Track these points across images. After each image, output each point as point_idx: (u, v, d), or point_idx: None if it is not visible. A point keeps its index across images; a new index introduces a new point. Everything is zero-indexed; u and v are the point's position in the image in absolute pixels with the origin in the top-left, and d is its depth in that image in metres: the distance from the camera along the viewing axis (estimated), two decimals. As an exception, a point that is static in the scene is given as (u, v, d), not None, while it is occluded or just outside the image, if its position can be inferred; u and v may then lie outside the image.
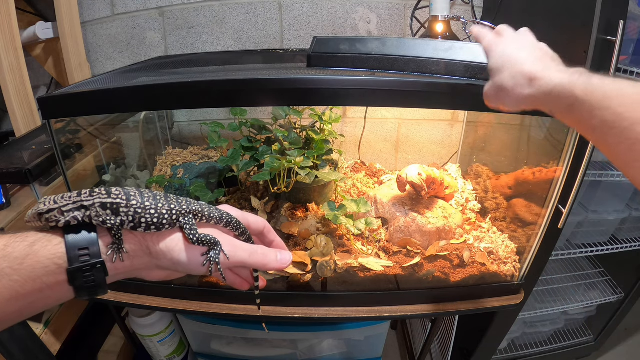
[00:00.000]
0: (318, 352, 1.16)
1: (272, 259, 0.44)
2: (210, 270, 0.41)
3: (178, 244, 0.40)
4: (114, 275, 0.37)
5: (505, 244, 0.90)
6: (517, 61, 0.48)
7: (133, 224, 0.37)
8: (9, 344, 0.79)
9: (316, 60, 0.74)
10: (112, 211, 0.37)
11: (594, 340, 1.46)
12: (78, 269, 0.34)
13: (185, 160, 1.13)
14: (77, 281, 0.34)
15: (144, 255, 0.39)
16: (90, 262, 0.35)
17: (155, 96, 0.66)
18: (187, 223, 0.40)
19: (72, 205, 0.36)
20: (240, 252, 0.42)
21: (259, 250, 0.44)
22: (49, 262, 0.33)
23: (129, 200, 0.38)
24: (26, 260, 0.33)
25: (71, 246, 0.35)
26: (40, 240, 0.34)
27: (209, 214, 0.43)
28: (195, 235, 0.40)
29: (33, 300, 0.34)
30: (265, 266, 0.44)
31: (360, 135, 1.25)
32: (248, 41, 1.19)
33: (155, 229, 0.39)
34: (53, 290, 0.34)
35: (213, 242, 0.41)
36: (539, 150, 0.90)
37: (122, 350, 1.27)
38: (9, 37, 0.92)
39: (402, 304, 0.85)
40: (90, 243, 0.35)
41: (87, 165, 0.98)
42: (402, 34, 1.17)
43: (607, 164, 1.11)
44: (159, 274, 0.41)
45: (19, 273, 0.32)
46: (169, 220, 0.39)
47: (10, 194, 0.97)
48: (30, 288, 0.33)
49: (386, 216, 0.92)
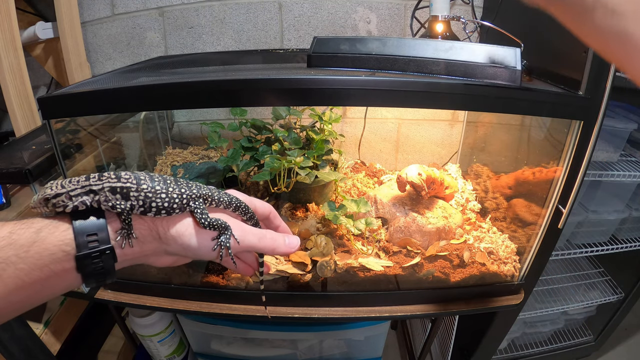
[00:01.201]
0: (318, 352, 1.16)
1: (281, 243, 0.44)
2: (220, 255, 0.40)
3: (188, 229, 0.39)
4: (122, 261, 0.36)
5: (505, 244, 0.90)
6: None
7: (143, 209, 0.37)
8: (9, 344, 0.79)
9: (316, 60, 0.74)
10: (122, 195, 0.36)
11: (594, 340, 1.46)
12: (86, 255, 0.33)
13: (185, 160, 1.13)
14: (86, 268, 0.34)
15: (153, 240, 0.38)
16: (100, 248, 0.34)
17: (155, 96, 0.66)
18: (197, 207, 0.40)
19: (81, 190, 0.35)
20: (250, 237, 0.42)
21: (267, 234, 0.44)
22: (56, 249, 0.33)
23: (140, 185, 0.37)
24: (32, 247, 0.32)
25: (79, 232, 0.34)
26: (47, 226, 0.34)
27: (218, 199, 0.43)
28: (207, 219, 0.39)
29: (39, 289, 0.33)
30: (274, 250, 0.44)
31: (360, 135, 1.25)
32: (248, 41, 1.19)
33: (165, 213, 0.38)
34: (60, 277, 0.33)
35: (224, 227, 0.40)
36: (539, 150, 0.90)
37: (122, 350, 1.27)
38: (9, 37, 0.92)
39: (402, 304, 0.85)
40: (99, 229, 0.35)
41: (87, 165, 0.98)
42: (402, 34, 1.17)
43: (607, 164, 1.11)
44: (167, 259, 0.41)
45: (25, 261, 0.32)
46: (179, 205, 0.39)
47: (10, 194, 0.97)
48: (37, 276, 0.32)
49: (386, 216, 0.92)
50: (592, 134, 0.70)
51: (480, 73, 0.66)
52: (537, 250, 0.83)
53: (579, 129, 0.70)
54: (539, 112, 0.70)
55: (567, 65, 0.73)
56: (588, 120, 0.69)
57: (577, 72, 0.69)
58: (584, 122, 0.69)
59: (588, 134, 0.70)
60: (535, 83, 0.77)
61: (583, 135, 0.70)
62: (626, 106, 1.21)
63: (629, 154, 1.16)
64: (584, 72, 0.68)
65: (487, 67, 0.65)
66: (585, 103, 0.68)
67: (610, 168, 1.08)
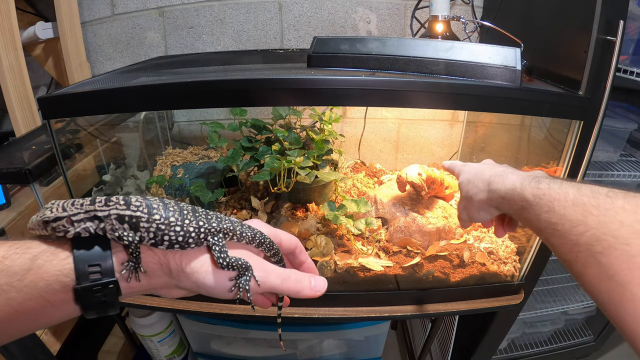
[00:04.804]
0: (318, 352, 1.16)
1: (306, 285, 0.39)
2: (238, 297, 0.37)
3: (204, 266, 0.36)
4: (127, 294, 0.33)
5: (505, 244, 0.90)
6: (481, 172, 0.55)
7: (154, 241, 0.33)
8: (9, 344, 0.79)
9: (316, 60, 0.74)
10: (130, 225, 0.32)
11: (594, 340, 1.45)
12: (87, 288, 0.30)
13: (185, 160, 1.13)
14: (86, 301, 0.31)
15: (163, 274, 0.35)
16: (102, 282, 0.31)
17: (155, 96, 0.66)
18: (216, 244, 0.36)
19: (84, 215, 0.32)
20: (273, 278, 0.38)
21: (292, 275, 0.39)
22: (52, 280, 0.30)
23: (151, 214, 0.33)
24: (27, 276, 0.29)
25: (80, 262, 0.31)
26: (44, 253, 0.31)
27: (240, 233, 0.38)
28: (225, 259, 0.35)
29: (33, 318, 0.31)
30: (298, 293, 0.39)
31: (360, 135, 1.25)
32: (248, 41, 1.19)
33: (179, 247, 0.34)
34: (57, 308, 0.31)
35: (244, 267, 0.36)
36: (539, 150, 0.90)
37: (122, 350, 1.27)
38: (9, 37, 0.92)
39: (402, 304, 0.85)
40: (102, 259, 0.31)
41: (87, 165, 0.98)
42: (402, 34, 1.17)
43: (607, 164, 1.11)
44: (178, 292, 0.38)
45: (19, 290, 0.29)
46: (195, 239, 0.35)
47: (10, 194, 0.97)
48: (31, 306, 0.30)
49: (386, 216, 0.92)
50: (592, 134, 0.70)
51: (480, 73, 0.66)
52: (537, 250, 0.83)
53: (579, 129, 0.70)
54: (539, 112, 0.70)
55: (567, 65, 0.73)
56: (588, 120, 0.69)
57: (577, 72, 0.69)
58: (584, 122, 0.69)
59: (588, 134, 0.70)
60: (535, 83, 0.77)
61: (583, 136, 0.70)
62: (626, 106, 1.21)
63: (629, 154, 1.16)
64: (584, 72, 0.68)
65: (487, 67, 0.65)
66: (585, 103, 0.68)
67: (610, 168, 1.08)
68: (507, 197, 0.47)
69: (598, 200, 0.34)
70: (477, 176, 0.55)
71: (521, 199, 0.44)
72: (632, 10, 0.92)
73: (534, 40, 0.82)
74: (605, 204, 0.33)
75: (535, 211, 0.41)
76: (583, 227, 0.34)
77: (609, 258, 0.30)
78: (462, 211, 0.60)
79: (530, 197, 0.42)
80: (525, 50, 0.72)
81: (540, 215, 0.40)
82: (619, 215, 0.32)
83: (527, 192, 0.43)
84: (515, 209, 0.46)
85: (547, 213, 0.39)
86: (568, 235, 0.35)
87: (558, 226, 0.37)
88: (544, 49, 0.82)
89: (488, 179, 0.52)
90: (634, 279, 0.28)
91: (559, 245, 0.37)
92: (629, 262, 0.29)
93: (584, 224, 0.34)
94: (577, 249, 0.34)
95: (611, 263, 0.30)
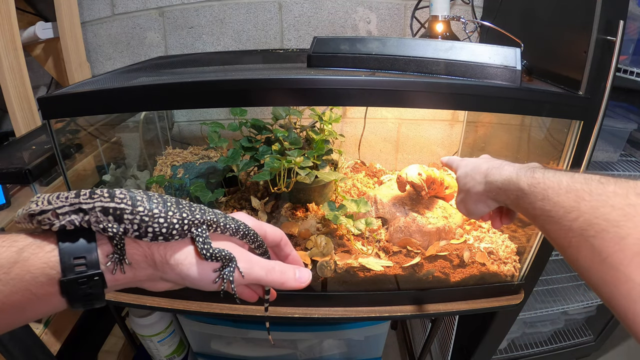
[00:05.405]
0: (318, 352, 1.16)
1: (290, 277, 0.40)
2: (222, 288, 0.37)
3: (188, 257, 0.36)
4: (112, 286, 0.34)
5: (505, 244, 0.90)
6: (478, 165, 0.56)
7: (138, 233, 0.34)
8: (9, 344, 0.79)
9: (316, 60, 0.74)
10: (114, 217, 0.32)
11: (594, 340, 1.45)
12: (73, 280, 0.31)
13: (185, 160, 1.13)
14: (72, 293, 0.31)
15: (148, 266, 0.35)
16: (87, 274, 0.31)
17: (155, 96, 0.66)
18: (199, 235, 0.36)
19: (69, 208, 0.32)
20: (257, 269, 0.39)
21: (276, 267, 0.40)
22: (38, 272, 0.30)
23: (135, 206, 0.33)
24: (13, 269, 0.29)
25: (66, 254, 0.31)
26: (30, 246, 0.31)
27: (224, 225, 0.39)
28: (209, 250, 0.36)
29: (20, 312, 0.31)
30: (282, 285, 0.39)
31: (360, 135, 1.25)
32: (248, 41, 1.19)
33: (163, 239, 0.35)
34: (43, 301, 0.31)
35: (228, 258, 0.36)
36: (539, 150, 0.90)
37: (122, 350, 1.27)
38: (9, 37, 0.92)
39: (402, 304, 0.85)
40: (87, 251, 0.32)
41: (87, 165, 0.98)
42: (402, 34, 1.17)
43: (607, 164, 1.11)
44: (164, 285, 0.38)
45: (5, 283, 0.29)
46: (179, 231, 0.35)
47: (10, 194, 0.97)
48: (18, 299, 0.30)
49: (386, 216, 0.92)
50: (592, 134, 0.70)
51: (480, 73, 0.66)
52: (537, 250, 0.83)
53: (579, 129, 0.70)
54: (539, 112, 0.70)
55: (567, 65, 0.73)
56: (588, 120, 0.69)
57: (577, 72, 0.69)
58: (584, 122, 0.69)
59: (588, 134, 0.70)
60: (535, 83, 0.77)
61: (583, 135, 0.70)
62: (626, 106, 1.21)
63: (629, 154, 1.16)
64: (584, 72, 0.68)
65: (487, 67, 0.66)
66: (585, 103, 0.68)
67: (610, 168, 1.08)
68: (504, 187, 0.48)
69: (590, 186, 0.35)
70: (474, 169, 0.56)
71: (517, 188, 0.45)
72: (632, 10, 0.92)
73: (534, 40, 0.82)
74: (597, 189, 0.34)
75: (530, 200, 0.42)
76: (576, 213, 0.34)
77: (601, 241, 0.31)
78: (459, 204, 0.60)
79: (525, 187, 0.43)
80: (525, 50, 0.72)
81: (535, 203, 0.41)
82: (611, 200, 0.32)
83: (522, 181, 0.44)
84: (512, 199, 0.47)
85: (541, 201, 0.40)
86: (562, 221, 0.36)
87: (552, 213, 0.38)
88: (544, 49, 0.82)
89: (485, 171, 0.53)
90: (624, 259, 0.29)
91: (554, 232, 0.38)
92: (620, 243, 0.29)
93: (577, 210, 0.35)
94: (571, 235, 0.35)
95: (603, 246, 0.31)
